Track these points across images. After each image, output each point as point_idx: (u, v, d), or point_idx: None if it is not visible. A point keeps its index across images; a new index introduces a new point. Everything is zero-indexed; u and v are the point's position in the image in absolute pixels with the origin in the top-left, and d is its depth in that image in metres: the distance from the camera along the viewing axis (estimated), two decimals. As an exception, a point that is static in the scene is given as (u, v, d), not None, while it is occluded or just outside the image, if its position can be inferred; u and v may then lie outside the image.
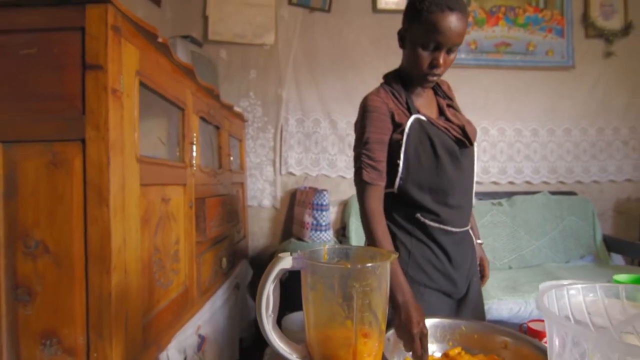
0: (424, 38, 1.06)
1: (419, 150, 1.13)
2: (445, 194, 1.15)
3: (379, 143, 1.13)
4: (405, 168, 1.15)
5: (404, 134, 1.12)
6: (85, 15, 0.93)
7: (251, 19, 2.89)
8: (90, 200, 0.92)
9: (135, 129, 1.07)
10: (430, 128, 1.14)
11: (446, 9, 1.01)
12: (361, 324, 0.60)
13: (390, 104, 1.15)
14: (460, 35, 1.05)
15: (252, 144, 2.90)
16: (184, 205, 1.44)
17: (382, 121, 1.13)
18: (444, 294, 1.22)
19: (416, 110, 1.16)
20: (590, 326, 0.76)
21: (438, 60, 1.07)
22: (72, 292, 0.92)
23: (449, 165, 1.14)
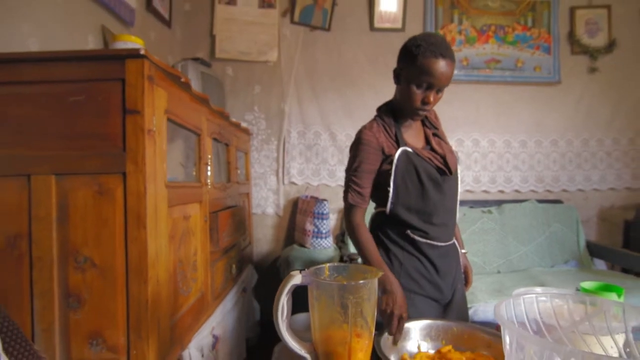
0: (418, 79, 1.23)
1: (406, 179, 1.32)
2: (430, 215, 1.33)
3: (366, 172, 1.33)
4: (395, 194, 1.34)
5: (393, 164, 1.31)
6: (125, 68, 1.11)
7: (255, 38, 3.07)
8: (130, 223, 1.10)
9: (164, 160, 1.25)
10: (415, 159, 1.32)
11: (439, 56, 1.20)
12: (355, 326, 0.78)
13: (381, 137, 1.33)
14: (449, 78, 1.23)
15: (256, 155, 3.09)
16: (201, 220, 1.63)
17: (372, 154, 1.33)
18: (431, 299, 1.41)
19: (404, 142, 1.34)
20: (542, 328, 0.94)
21: (429, 98, 1.25)
22: (114, 300, 1.11)
23: (432, 191, 1.32)
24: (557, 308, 0.96)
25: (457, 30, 3.15)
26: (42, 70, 1.11)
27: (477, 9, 3.16)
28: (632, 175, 3.27)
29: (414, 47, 1.24)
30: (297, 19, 3.10)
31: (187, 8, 3.02)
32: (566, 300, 0.97)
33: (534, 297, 0.97)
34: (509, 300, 0.91)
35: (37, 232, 1.10)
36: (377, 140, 1.32)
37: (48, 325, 1.11)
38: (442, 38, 1.25)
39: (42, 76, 1.11)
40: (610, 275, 2.65)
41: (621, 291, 1.30)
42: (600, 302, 0.94)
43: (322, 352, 0.81)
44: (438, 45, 1.21)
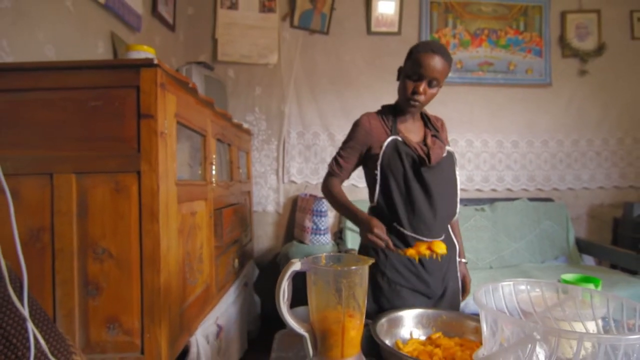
0: (411, 70, 1.36)
1: (391, 164, 1.41)
2: (413, 206, 1.40)
3: (352, 149, 1.48)
4: (382, 179, 1.42)
5: (382, 150, 1.41)
6: (140, 76, 1.22)
7: (256, 41, 3.17)
8: (145, 218, 1.21)
9: (174, 160, 1.35)
10: (402, 146, 1.41)
11: (430, 51, 1.32)
12: (348, 307, 0.89)
13: (374, 123, 1.46)
14: (439, 72, 1.34)
15: (257, 155, 3.19)
16: (206, 216, 1.73)
17: (362, 135, 1.46)
18: (419, 293, 1.48)
19: (397, 132, 1.44)
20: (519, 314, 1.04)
21: (419, 88, 1.35)
22: (130, 288, 1.21)
23: (413, 180, 1.40)
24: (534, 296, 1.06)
25: (452, 34, 3.26)
26: (64, 78, 1.21)
27: (470, 14, 3.27)
28: (621, 174, 3.38)
29: (414, 47, 1.39)
30: (297, 23, 3.20)
31: (190, 13, 3.12)
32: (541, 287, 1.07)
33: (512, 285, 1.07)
34: (487, 287, 1.01)
35: (59, 226, 1.21)
36: (369, 124, 1.46)
37: (68, 311, 1.21)
38: (440, 43, 1.39)
39: (64, 83, 1.21)
40: (597, 271, 2.76)
41: (598, 282, 1.40)
42: (570, 289, 1.05)
43: (318, 331, 0.91)
44: (432, 44, 1.35)
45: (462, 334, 1.21)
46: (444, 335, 1.22)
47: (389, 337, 1.23)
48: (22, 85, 1.22)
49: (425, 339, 1.22)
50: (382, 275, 1.46)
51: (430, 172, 1.43)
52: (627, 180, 3.39)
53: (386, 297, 1.45)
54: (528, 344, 0.75)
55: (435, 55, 1.32)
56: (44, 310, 0.92)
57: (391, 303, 1.45)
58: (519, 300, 1.08)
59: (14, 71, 1.23)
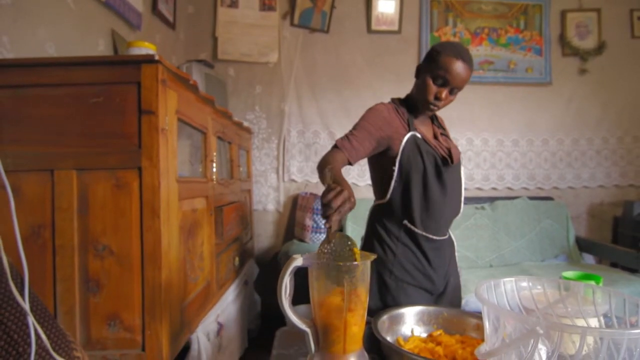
0: (436, 73, 1.31)
1: (411, 161, 1.37)
2: (429, 204, 1.39)
3: (366, 130, 1.32)
4: (399, 175, 1.39)
5: (401, 145, 1.37)
6: (141, 72, 1.21)
7: (257, 40, 3.17)
8: (146, 214, 1.20)
9: (175, 157, 1.35)
10: (422, 144, 1.38)
11: (459, 57, 1.28)
12: (350, 303, 0.89)
13: (392, 114, 1.39)
14: (464, 81, 1.31)
15: (257, 154, 3.19)
16: (207, 213, 1.73)
17: (379, 120, 1.36)
18: (424, 290, 1.49)
19: (414, 128, 1.41)
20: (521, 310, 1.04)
21: (442, 94, 1.32)
22: (131, 284, 1.21)
23: (433, 177, 1.37)
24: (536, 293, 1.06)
25: (452, 32, 3.26)
26: (65, 74, 1.21)
27: (471, 12, 3.27)
28: (621, 173, 3.38)
29: (439, 46, 1.34)
30: (297, 22, 3.20)
31: (191, 11, 3.12)
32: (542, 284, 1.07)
33: (514, 281, 1.07)
34: (489, 283, 1.01)
35: (60, 222, 1.20)
36: (389, 113, 1.38)
37: (69, 307, 1.21)
38: (465, 47, 1.35)
39: (65, 79, 1.21)
40: (597, 269, 2.76)
41: (599, 280, 1.40)
42: (572, 286, 1.05)
43: (320, 326, 0.91)
44: (460, 49, 1.31)
45: (463, 331, 1.21)
46: (445, 332, 1.22)
47: (390, 334, 1.23)
48: (23, 82, 1.22)
49: (426, 337, 1.23)
50: (389, 273, 1.46)
51: (450, 171, 1.42)
52: (627, 179, 3.39)
53: (392, 295, 1.45)
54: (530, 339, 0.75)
55: (463, 64, 1.28)
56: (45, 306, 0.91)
57: (396, 300, 1.45)
58: (520, 297, 1.07)
59: (15, 67, 1.23)
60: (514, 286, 1.10)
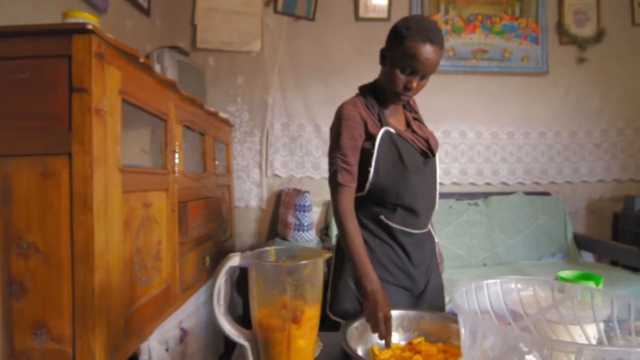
0: (403, 62, 1.16)
1: (388, 160, 1.25)
2: (408, 200, 1.27)
3: (352, 149, 1.24)
4: (376, 175, 1.27)
5: (375, 143, 1.24)
6: (72, 44, 1.05)
7: (238, 27, 3.01)
8: (76, 207, 1.05)
9: (118, 143, 1.19)
10: (398, 140, 1.26)
11: (427, 41, 1.12)
12: (293, 311, 0.73)
13: (363, 113, 1.27)
14: (434, 65, 1.16)
15: (239, 148, 3.03)
16: (167, 209, 1.57)
17: (356, 129, 1.25)
18: (404, 289, 1.36)
19: (386, 122, 1.28)
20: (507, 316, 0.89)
21: (412, 84, 1.18)
22: (59, 288, 1.05)
23: (413, 174, 1.26)
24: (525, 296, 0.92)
25: (444, 20, 3.10)
26: (-20, 46, 1.05)
27: (463, -2, 3.11)
28: (621, 167, 3.22)
29: (404, 28, 1.17)
30: (281, 9, 3.04)
31: (168, -4, 2.96)
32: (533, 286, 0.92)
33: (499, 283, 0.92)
34: (469, 286, 0.86)
35: (-21, 217, 1.05)
36: (359, 115, 1.25)
37: (-9, 315, 1.06)
38: (434, 23, 1.18)
39: (-19, 52, 1.05)
40: (596, 267, 2.61)
41: (599, 280, 1.25)
42: (568, 288, 0.89)
43: (261, 339, 0.75)
44: (428, 29, 1.13)
45: (446, 338, 1.07)
46: (426, 340, 1.08)
47: (363, 342, 1.08)
48: None
49: (405, 344, 1.08)
50: None
51: (430, 164, 1.32)
52: (627, 173, 3.23)
53: None
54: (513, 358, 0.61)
55: (432, 47, 1.13)
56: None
57: None
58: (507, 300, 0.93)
59: None
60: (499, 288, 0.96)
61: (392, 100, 1.28)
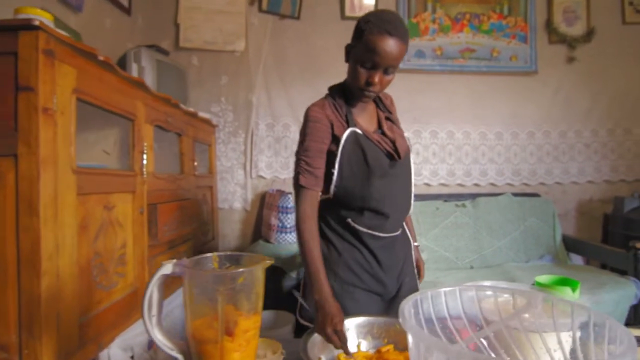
0: (363, 57, 1.14)
1: (352, 161, 1.22)
2: (375, 203, 1.23)
3: (318, 152, 1.22)
4: (340, 177, 1.24)
5: (340, 144, 1.21)
6: (17, 41, 1.01)
7: (222, 26, 2.97)
8: (22, 211, 1.00)
9: (72, 143, 1.15)
10: (364, 141, 1.22)
11: (385, 34, 1.09)
12: (226, 323, 0.68)
13: (330, 115, 1.24)
14: (396, 59, 1.13)
15: (223, 148, 2.98)
16: (133, 212, 1.53)
17: (322, 131, 1.22)
18: (374, 293, 1.32)
19: (354, 123, 1.25)
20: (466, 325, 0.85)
21: (373, 78, 1.15)
22: (5, 294, 1.01)
23: (378, 177, 1.22)
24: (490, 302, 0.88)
25: (431, 19, 3.06)
26: None
27: (451, -3, 3.06)
28: (611, 168, 3.18)
29: (363, 22, 1.14)
30: (266, 8, 3.00)
31: (150, -5, 2.92)
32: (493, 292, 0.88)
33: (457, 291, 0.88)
34: (425, 294, 0.82)
35: None
36: (326, 117, 1.23)
37: None
38: (395, 15, 1.15)
39: None
40: (585, 270, 2.56)
41: (576, 285, 1.20)
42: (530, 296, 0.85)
43: (194, 352, 0.71)
44: (387, 22, 1.10)
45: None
46: (395, 348, 1.04)
47: (327, 351, 1.03)
48: None
49: (374, 352, 1.04)
50: (333, 275, 1.29)
51: (397, 167, 1.27)
52: (618, 174, 3.18)
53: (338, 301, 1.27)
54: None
55: (391, 39, 1.09)
56: None
57: (343, 307, 1.28)
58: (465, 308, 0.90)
59: None
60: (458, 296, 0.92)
61: (358, 97, 1.24)
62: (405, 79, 3.04)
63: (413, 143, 3.06)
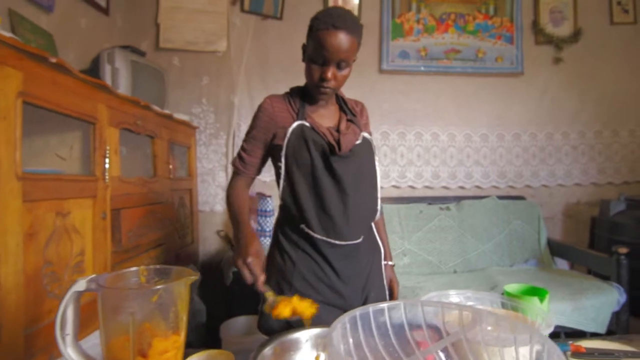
0: (314, 53, 1.14)
1: (297, 154, 1.19)
2: (322, 202, 1.19)
3: (256, 139, 1.24)
4: (286, 173, 1.21)
5: (286, 137, 1.19)
6: (-48, 43, 0.97)
7: (203, 26, 2.93)
8: (-44, 220, 0.96)
9: (17, 149, 1.11)
10: (309, 132, 1.19)
11: (331, 27, 1.08)
12: (139, 344, 0.64)
13: (279, 107, 1.22)
14: (346, 52, 1.11)
15: (204, 150, 2.94)
16: (94, 217, 1.48)
17: (264, 122, 1.22)
18: (332, 307, 1.26)
19: (304, 117, 1.21)
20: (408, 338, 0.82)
21: (326, 74, 1.13)
22: (-61, 307, 0.97)
23: (322, 169, 1.18)
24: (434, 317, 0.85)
25: (415, 19, 3.02)
26: None
27: (435, -3, 3.02)
28: (599, 170, 3.14)
29: (313, 20, 1.16)
30: (248, 8, 2.96)
31: (130, -5, 2.88)
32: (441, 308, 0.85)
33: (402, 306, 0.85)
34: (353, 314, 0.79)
35: None
36: (272, 108, 1.22)
37: None
38: (343, 10, 1.14)
39: None
40: (568, 275, 2.51)
41: (544, 295, 1.17)
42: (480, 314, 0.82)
43: (109, 374, 0.67)
44: (333, 16, 1.10)
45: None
46: None
47: (281, 362, 0.99)
48: None
49: None
50: (288, 286, 1.25)
51: (343, 162, 1.20)
52: (605, 177, 3.14)
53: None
54: None
55: (338, 32, 1.09)
56: None
57: None
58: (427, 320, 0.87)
59: None
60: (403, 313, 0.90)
61: (315, 94, 1.22)
62: (389, 80, 3.01)
63: (397, 145, 3.02)
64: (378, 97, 2.99)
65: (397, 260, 2.70)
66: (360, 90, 2.92)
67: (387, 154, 3.01)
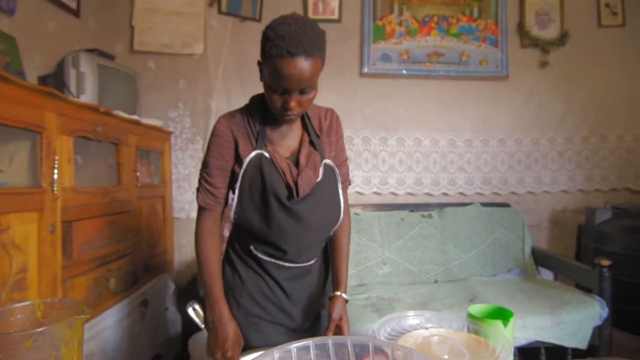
0: (272, 82, 1.00)
1: (252, 188, 1.10)
2: (274, 231, 1.11)
3: (219, 169, 1.13)
4: (239, 202, 1.13)
5: (243, 167, 1.09)
6: None
7: (180, 28, 2.86)
8: None
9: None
10: (268, 167, 1.09)
11: (286, 55, 0.93)
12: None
13: (237, 130, 1.12)
14: (307, 78, 0.98)
15: (180, 156, 2.87)
16: (40, 231, 1.41)
17: (225, 148, 1.12)
18: (281, 326, 1.20)
19: (263, 144, 1.12)
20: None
21: (289, 103, 1.01)
22: None
23: (277, 210, 1.08)
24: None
25: (397, 21, 2.94)
26: None
27: (418, -2, 2.95)
28: (586, 177, 3.06)
29: (264, 39, 0.99)
30: (225, 9, 2.89)
31: (103, -4, 2.80)
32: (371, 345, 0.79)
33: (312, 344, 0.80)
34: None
35: None
36: (231, 132, 1.11)
37: None
38: (296, 26, 0.95)
39: None
40: (551, 287, 2.43)
41: (509, 317, 1.10)
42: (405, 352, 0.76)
43: None
44: (286, 38, 0.93)
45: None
46: None
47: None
48: None
49: None
50: (237, 305, 1.19)
51: (300, 202, 1.10)
52: (592, 183, 3.07)
53: (242, 333, 1.16)
54: None
55: (295, 60, 0.94)
56: None
57: (248, 339, 1.18)
58: None
59: None
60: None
61: (279, 121, 1.10)
62: (370, 84, 2.94)
63: (379, 150, 2.95)
64: (359, 101, 2.91)
65: (377, 270, 2.63)
66: (340, 94, 2.86)
67: (368, 160, 2.93)
